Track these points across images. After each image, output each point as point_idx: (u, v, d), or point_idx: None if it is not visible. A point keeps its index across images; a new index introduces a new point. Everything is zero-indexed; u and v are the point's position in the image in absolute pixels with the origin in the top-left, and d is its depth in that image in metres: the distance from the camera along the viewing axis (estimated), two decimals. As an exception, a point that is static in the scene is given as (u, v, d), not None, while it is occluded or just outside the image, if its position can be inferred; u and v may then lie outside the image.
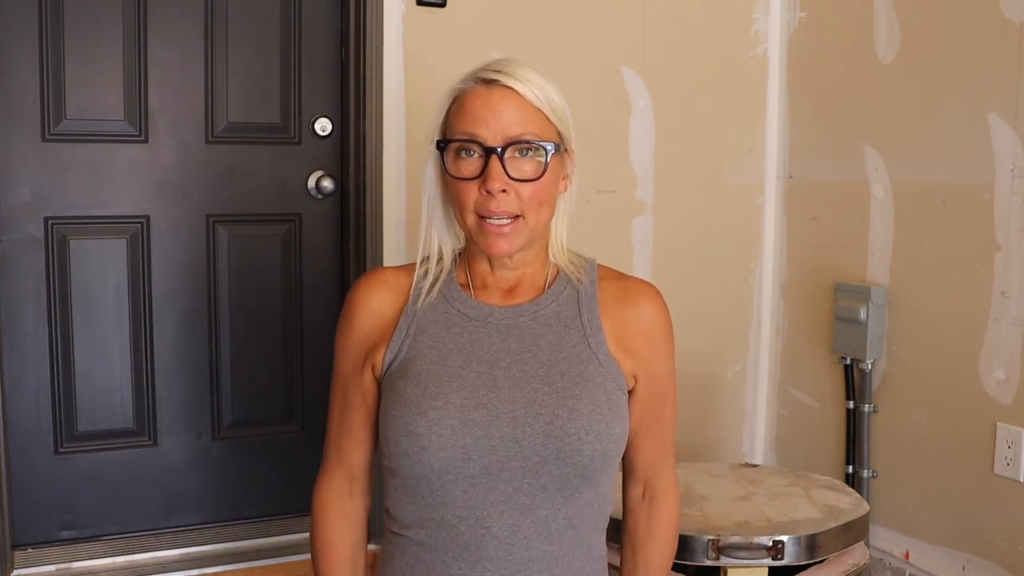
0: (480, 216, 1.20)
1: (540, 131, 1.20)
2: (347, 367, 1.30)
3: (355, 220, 2.41)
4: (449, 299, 1.27)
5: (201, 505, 2.42)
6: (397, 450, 1.18)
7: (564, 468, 1.17)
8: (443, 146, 1.23)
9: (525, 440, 1.16)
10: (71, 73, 2.21)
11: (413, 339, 1.24)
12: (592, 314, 1.26)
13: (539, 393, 1.19)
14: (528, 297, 1.27)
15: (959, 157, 2.27)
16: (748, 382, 2.89)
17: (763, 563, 1.75)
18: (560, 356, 1.22)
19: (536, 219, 1.21)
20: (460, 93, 1.23)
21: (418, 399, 1.18)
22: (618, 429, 1.21)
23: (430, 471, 1.17)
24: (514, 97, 1.19)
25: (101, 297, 2.30)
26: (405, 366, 1.22)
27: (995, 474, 2.19)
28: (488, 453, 1.16)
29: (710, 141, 2.76)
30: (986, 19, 2.18)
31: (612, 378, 1.23)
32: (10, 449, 2.23)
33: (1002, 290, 2.17)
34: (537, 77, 1.21)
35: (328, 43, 2.44)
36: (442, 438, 1.16)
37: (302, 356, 2.49)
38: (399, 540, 1.24)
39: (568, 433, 1.16)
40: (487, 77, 1.21)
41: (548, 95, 1.21)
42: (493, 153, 1.18)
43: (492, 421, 1.17)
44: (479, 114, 1.19)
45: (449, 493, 1.18)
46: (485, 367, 1.21)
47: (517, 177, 1.19)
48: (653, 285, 1.32)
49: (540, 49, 2.48)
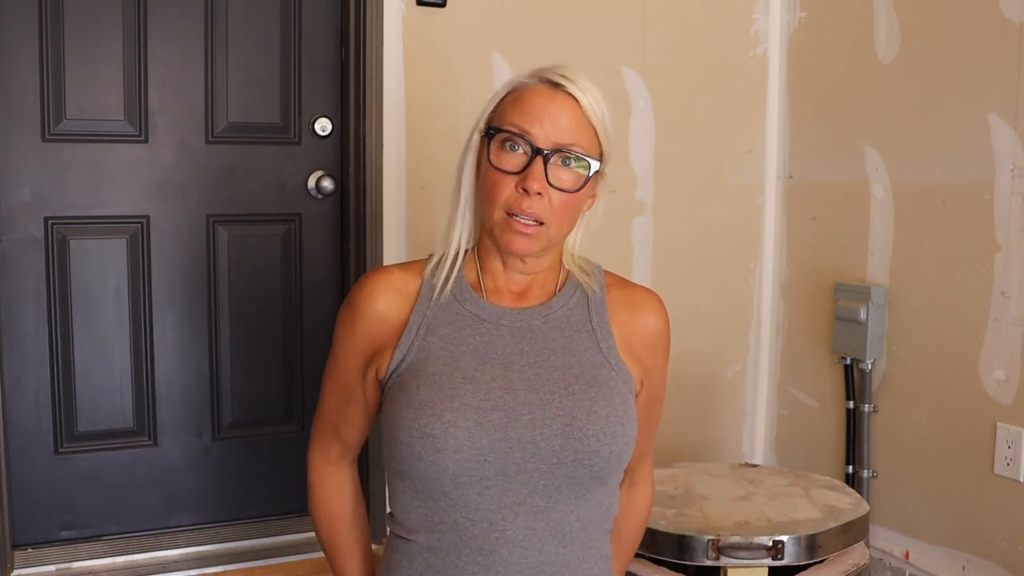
0: (508, 213, 1.19)
1: (588, 145, 1.21)
2: (348, 363, 1.29)
3: (355, 220, 2.41)
4: (460, 300, 1.26)
5: (201, 505, 2.42)
6: (409, 452, 1.17)
7: (580, 470, 1.17)
8: (491, 134, 1.21)
9: (543, 441, 1.16)
10: (71, 73, 2.21)
11: (423, 340, 1.23)
12: (602, 319, 1.27)
13: (556, 395, 1.19)
14: (539, 300, 1.28)
15: (959, 157, 2.27)
16: (748, 382, 2.89)
17: (763, 563, 1.75)
18: (573, 359, 1.23)
19: (558, 230, 1.22)
20: (521, 87, 1.22)
21: (433, 400, 1.17)
22: (632, 431, 1.22)
23: (444, 474, 1.16)
24: (574, 106, 1.20)
25: (101, 297, 2.30)
26: (416, 367, 1.21)
27: (995, 474, 2.19)
28: (505, 455, 1.16)
29: (710, 141, 2.76)
30: (986, 19, 2.18)
31: (624, 381, 1.25)
32: (10, 449, 2.23)
33: (1002, 290, 2.17)
34: (598, 93, 1.22)
35: (328, 43, 2.44)
36: (458, 440, 1.15)
37: (302, 356, 2.49)
38: (406, 546, 1.23)
39: (587, 435, 1.17)
40: (553, 80, 1.20)
41: (602, 110, 1.22)
42: (540, 154, 1.18)
43: (510, 423, 1.16)
44: (537, 113, 1.19)
45: (463, 496, 1.17)
46: (500, 369, 1.21)
47: (555, 185, 1.19)
48: (656, 294, 1.34)
49: (540, 49, 2.47)
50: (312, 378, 2.49)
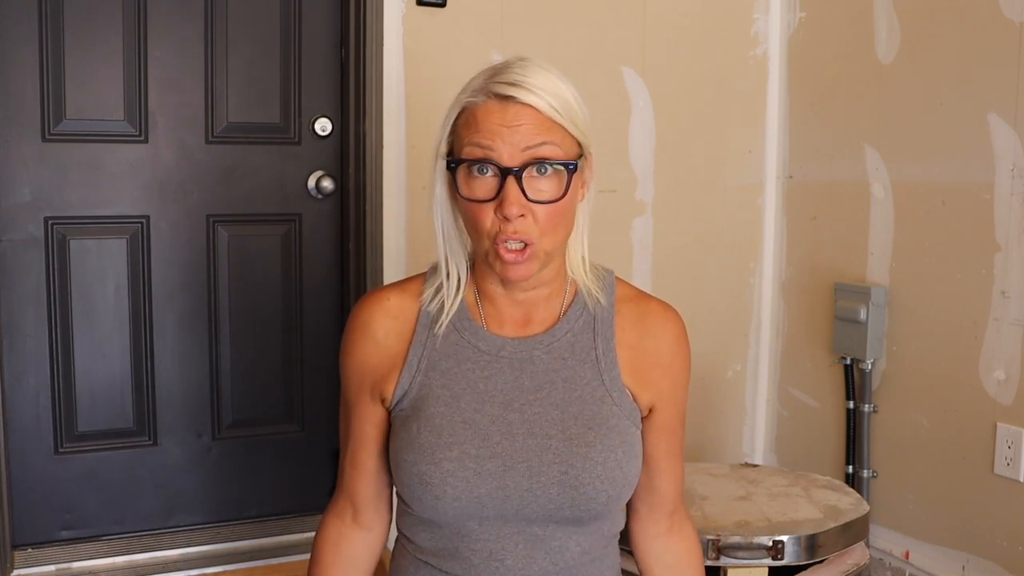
0: (495, 241, 1.10)
1: (560, 143, 1.10)
2: (352, 396, 1.25)
3: (355, 220, 2.41)
4: (460, 329, 1.20)
5: (201, 505, 2.42)
6: (411, 494, 1.16)
7: (577, 513, 1.16)
8: (453, 165, 1.12)
9: (539, 490, 1.14)
10: (71, 73, 2.21)
11: (424, 375, 1.19)
12: (607, 345, 1.20)
13: (553, 440, 1.15)
14: (543, 326, 1.21)
15: (959, 157, 2.27)
16: (748, 382, 2.89)
17: (763, 563, 1.75)
18: (574, 396, 1.18)
19: (552, 242, 1.12)
20: (470, 106, 1.11)
21: (432, 448, 1.15)
22: (632, 471, 1.18)
23: (443, 516, 1.16)
24: (531, 112, 1.08)
25: (101, 297, 2.30)
26: (417, 405, 1.18)
27: (995, 474, 2.19)
28: (502, 503, 1.15)
29: (710, 141, 2.76)
30: (986, 19, 2.18)
31: (627, 415, 1.19)
32: (10, 449, 2.23)
33: (1002, 290, 2.17)
34: (553, 83, 1.10)
35: (328, 43, 2.44)
36: (456, 489, 1.13)
37: (302, 356, 2.49)
38: (414, 559, 1.24)
39: (583, 483, 1.14)
40: (501, 93, 1.09)
41: (566, 103, 1.10)
42: (510, 174, 1.07)
43: (507, 471, 1.14)
44: (494, 129, 1.08)
45: (464, 526, 1.17)
46: (499, 409, 1.17)
47: (536, 199, 1.09)
48: (673, 309, 1.25)
49: (540, 49, 2.47)
50: (312, 378, 2.49)
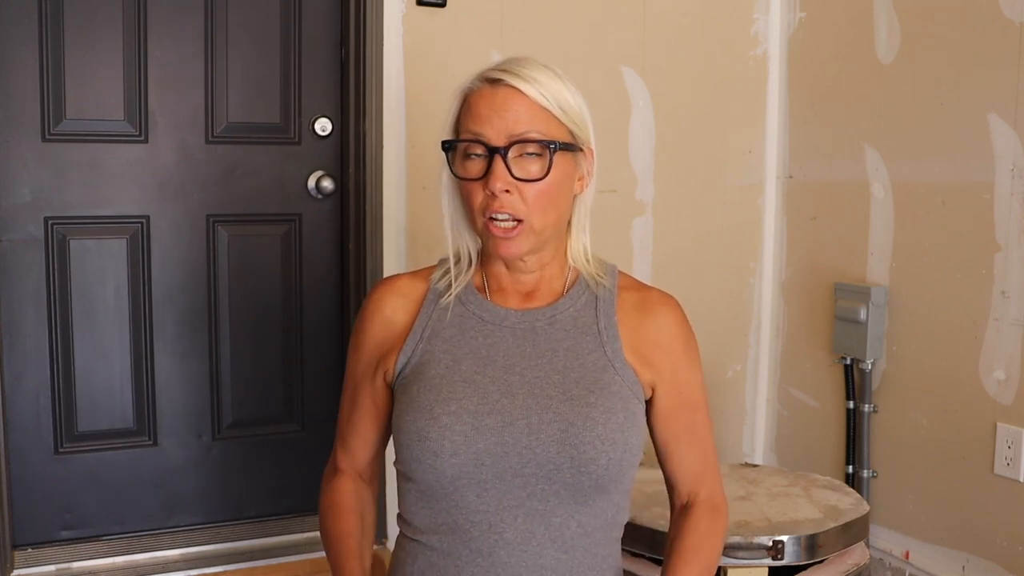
0: (488, 218, 1.19)
1: (547, 130, 1.18)
2: (358, 371, 1.31)
3: (355, 220, 2.41)
4: (464, 302, 1.27)
5: (201, 505, 2.42)
6: (409, 455, 1.18)
7: (578, 476, 1.17)
8: (449, 147, 1.22)
9: (539, 447, 1.16)
10: (71, 73, 2.21)
11: (427, 343, 1.24)
12: (609, 321, 1.25)
13: (553, 400, 1.18)
14: (545, 301, 1.27)
15: (959, 157, 2.27)
16: (748, 382, 2.89)
17: (763, 563, 1.75)
18: (576, 363, 1.22)
19: (542, 222, 1.19)
20: (468, 93, 1.22)
21: (430, 404, 1.18)
22: (633, 439, 1.20)
23: (442, 476, 1.17)
24: (519, 96, 1.17)
25: (101, 297, 2.30)
26: (419, 370, 1.22)
27: (995, 474, 2.19)
28: (501, 459, 1.16)
29: (710, 141, 2.76)
30: (986, 19, 2.18)
31: (628, 386, 1.22)
32: (10, 449, 2.23)
33: (1002, 290, 2.17)
34: (546, 76, 1.19)
35: (328, 43, 2.44)
36: (454, 444, 1.15)
37: (302, 356, 2.49)
38: (412, 545, 1.24)
39: (583, 441, 1.16)
40: (493, 77, 1.19)
41: (556, 94, 1.19)
42: (496, 153, 1.16)
43: (506, 427, 1.16)
44: (484, 113, 1.18)
45: (463, 497, 1.18)
46: (500, 372, 1.20)
47: (521, 177, 1.17)
48: (672, 296, 1.31)
49: (540, 49, 2.47)
50: (312, 378, 2.49)
